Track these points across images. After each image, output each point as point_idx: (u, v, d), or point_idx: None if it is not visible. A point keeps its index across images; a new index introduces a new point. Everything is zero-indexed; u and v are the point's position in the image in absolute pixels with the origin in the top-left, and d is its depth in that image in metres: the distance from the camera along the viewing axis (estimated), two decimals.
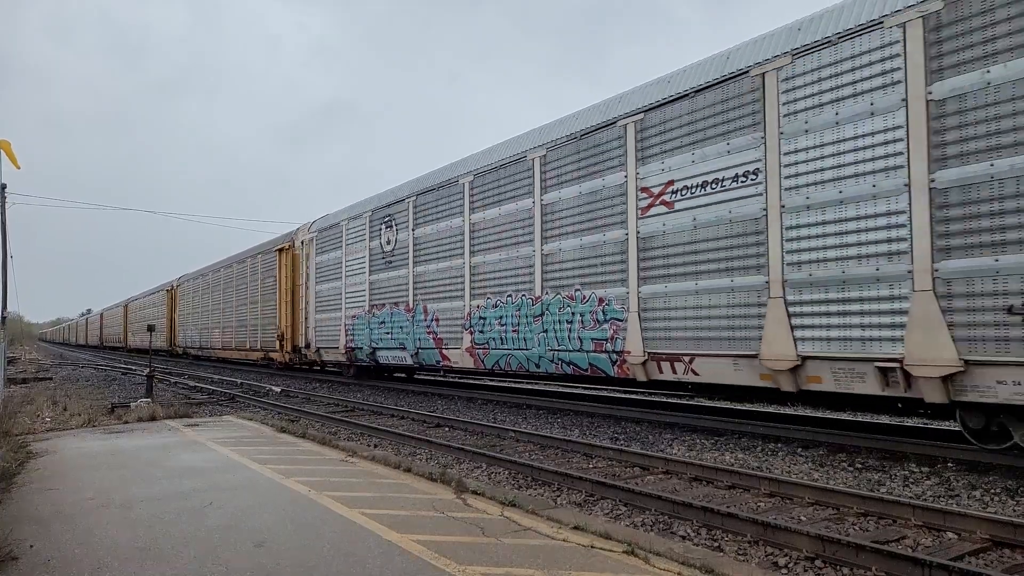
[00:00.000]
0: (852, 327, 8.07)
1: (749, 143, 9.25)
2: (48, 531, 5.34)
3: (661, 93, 10.64)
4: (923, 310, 7.47)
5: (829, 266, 8.28)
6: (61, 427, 11.62)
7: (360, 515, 5.64)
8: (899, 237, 7.72)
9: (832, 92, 8.36)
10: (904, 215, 7.69)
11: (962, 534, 5.22)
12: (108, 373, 28.93)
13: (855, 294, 8.05)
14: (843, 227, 8.20)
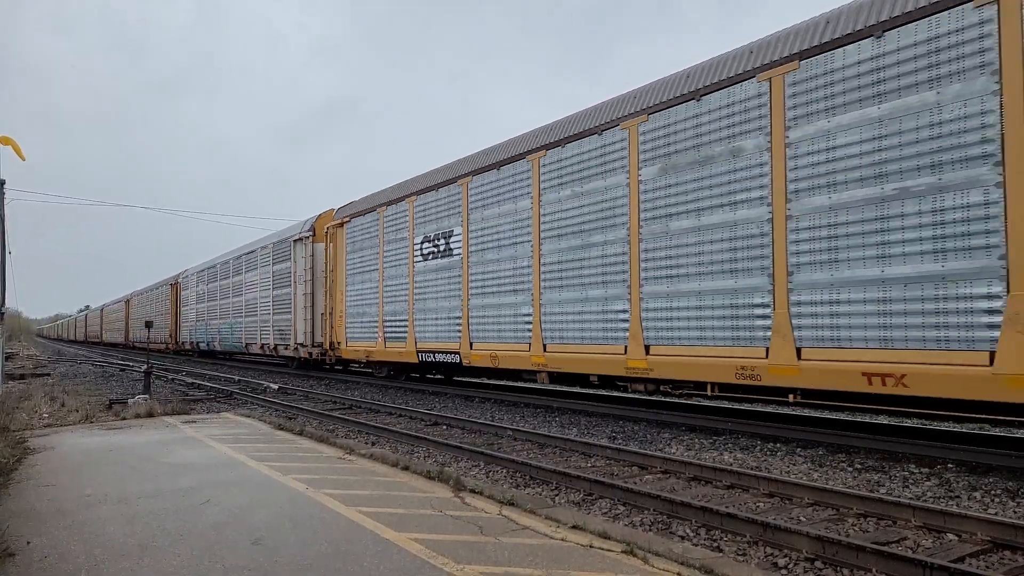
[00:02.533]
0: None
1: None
2: (45, 527, 5.32)
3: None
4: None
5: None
6: (59, 423, 11.59)
7: (357, 513, 5.62)
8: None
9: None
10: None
11: (963, 535, 5.20)
12: (106, 369, 28.89)
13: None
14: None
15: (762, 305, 9.11)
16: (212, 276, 32.67)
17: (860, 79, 8.24)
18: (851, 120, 8.29)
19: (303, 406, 14.24)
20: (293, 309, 22.89)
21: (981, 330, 7.09)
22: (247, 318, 27.54)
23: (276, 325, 24.55)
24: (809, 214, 8.63)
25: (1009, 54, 6.93)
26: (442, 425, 11.75)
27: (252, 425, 11.18)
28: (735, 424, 10.23)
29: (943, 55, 7.52)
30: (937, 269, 7.46)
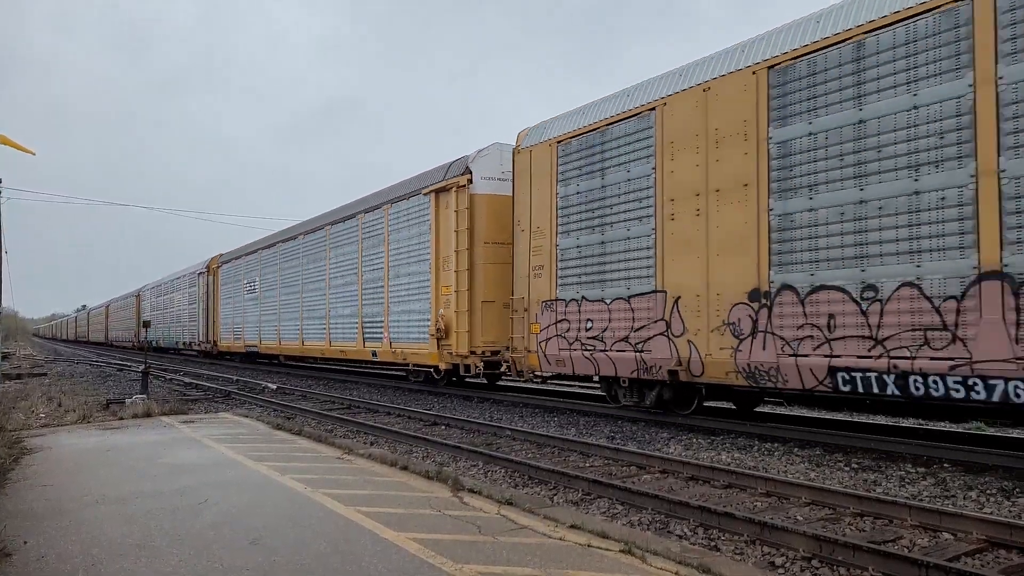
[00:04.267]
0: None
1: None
2: (42, 527, 5.32)
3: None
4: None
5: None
6: (56, 423, 11.58)
7: (356, 513, 5.63)
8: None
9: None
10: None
11: (958, 535, 5.22)
12: (103, 369, 28.85)
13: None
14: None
15: None
16: (157, 292, 44.26)
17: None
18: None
19: (301, 406, 14.24)
20: (197, 316, 34.10)
21: None
22: (175, 324, 39.05)
23: (188, 327, 36.49)
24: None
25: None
26: (441, 425, 11.75)
27: (250, 425, 11.18)
28: (732, 424, 10.25)
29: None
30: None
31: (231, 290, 29.77)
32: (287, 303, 23.61)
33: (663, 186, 10.59)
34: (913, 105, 7.83)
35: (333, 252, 20.41)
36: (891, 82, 8.04)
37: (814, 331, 8.58)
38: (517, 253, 13.51)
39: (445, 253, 15.34)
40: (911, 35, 7.90)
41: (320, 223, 21.61)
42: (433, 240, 15.72)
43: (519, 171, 13.59)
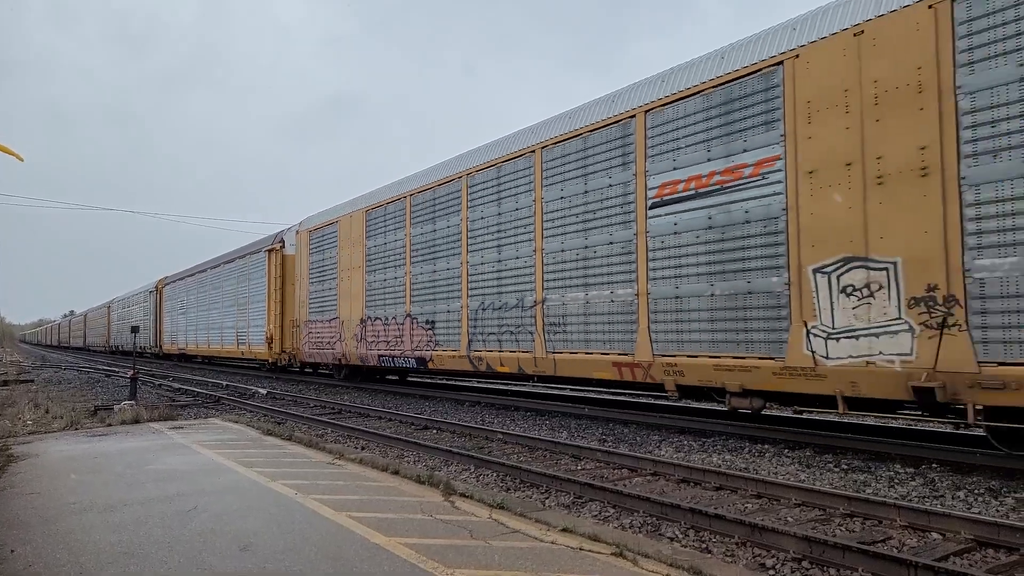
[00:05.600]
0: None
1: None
2: (30, 535, 5.27)
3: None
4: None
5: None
6: (43, 430, 11.47)
7: (347, 518, 5.61)
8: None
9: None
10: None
11: (947, 534, 5.26)
12: (91, 375, 28.63)
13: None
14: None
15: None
16: (122, 305, 51.70)
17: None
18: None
19: (292, 411, 14.17)
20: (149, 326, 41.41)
21: None
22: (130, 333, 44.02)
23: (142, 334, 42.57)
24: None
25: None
26: (432, 429, 11.73)
27: (240, 430, 11.11)
28: (723, 426, 10.28)
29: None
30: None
31: (170, 306, 38.39)
32: (201, 317, 32.56)
33: (365, 258, 18.13)
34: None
35: (222, 285, 29.86)
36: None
37: (377, 338, 17.19)
38: (296, 292, 22.44)
39: (272, 290, 24.07)
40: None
41: (215, 263, 31.12)
42: (267, 281, 24.42)
43: (298, 245, 22.47)
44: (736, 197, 9.24)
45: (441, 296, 14.99)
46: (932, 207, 7.36)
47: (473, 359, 13.87)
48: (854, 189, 8.00)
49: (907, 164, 7.55)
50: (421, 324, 15.61)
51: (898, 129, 7.63)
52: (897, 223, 7.61)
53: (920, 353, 7.36)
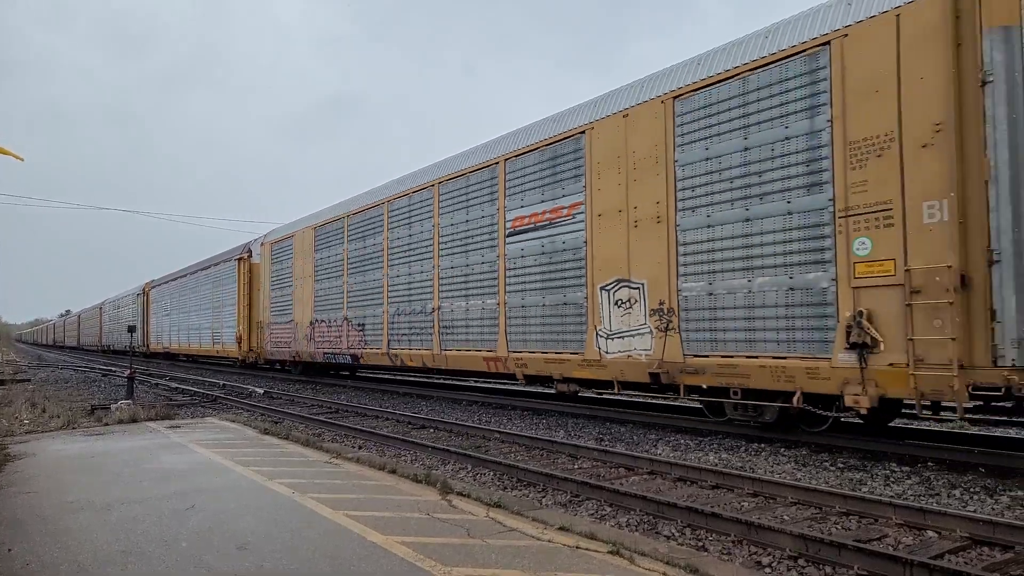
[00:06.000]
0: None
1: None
2: (27, 534, 5.27)
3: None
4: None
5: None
6: (40, 429, 11.46)
7: (345, 517, 5.62)
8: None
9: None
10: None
11: (942, 532, 5.29)
12: (88, 375, 28.59)
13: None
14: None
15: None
16: (113, 306, 53.68)
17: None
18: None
19: (289, 410, 14.17)
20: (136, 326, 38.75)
21: None
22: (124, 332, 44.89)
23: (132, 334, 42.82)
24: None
25: None
26: (429, 428, 11.74)
27: (237, 430, 11.11)
28: (720, 425, 10.31)
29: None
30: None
31: (156, 308, 40.52)
32: (182, 319, 34.91)
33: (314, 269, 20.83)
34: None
35: (200, 289, 32.24)
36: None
37: (323, 338, 20.00)
38: (261, 297, 24.94)
39: (241, 295, 26.49)
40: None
41: (194, 269, 33.49)
42: (237, 287, 26.84)
43: (262, 255, 24.92)
44: (558, 231, 11.94)
45: (369, 303, 17.73)
46: (662, 245, 10.08)
47: (391, 356, 16.67)
48: (622, 229, 10.70)
49: (650, 213, 10.30)
50: (355, 326, 18.43)
51: (645, 187, 10.37)
52: (644, 255, 10.34)
53: (655, 349, 10.10)
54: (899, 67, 7.58)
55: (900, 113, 7.53)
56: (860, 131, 7.85)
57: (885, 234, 7.61)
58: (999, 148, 6.87)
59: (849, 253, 7.89)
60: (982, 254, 6.97)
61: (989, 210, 6.92)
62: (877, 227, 7.68)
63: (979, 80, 7.00)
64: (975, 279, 7.00)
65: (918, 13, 7.45)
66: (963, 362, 6.94)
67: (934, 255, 7.22)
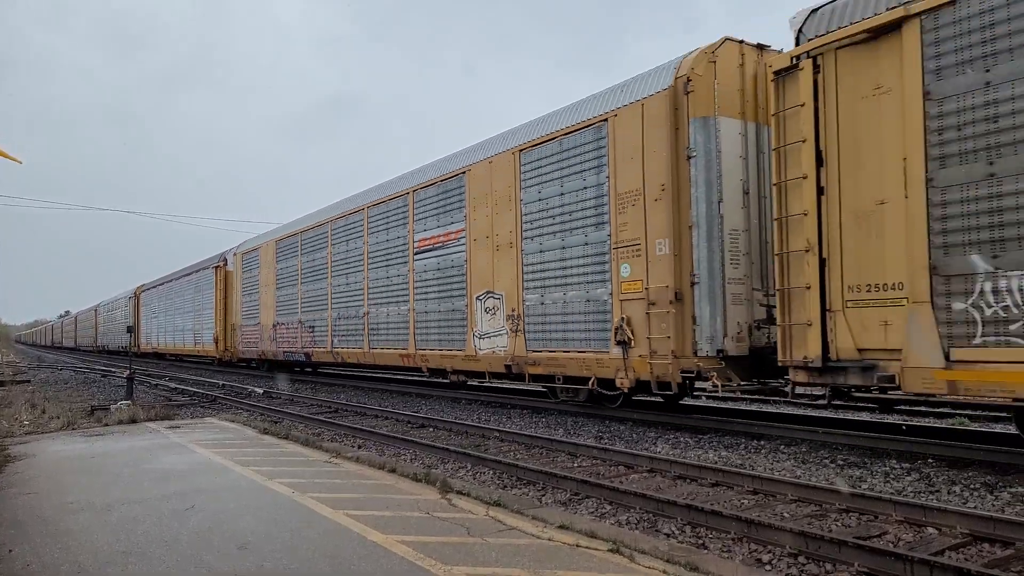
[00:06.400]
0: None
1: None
2: (27, 535, 5.26)
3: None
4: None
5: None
6: (40, 430, 11.46)
7: (344, 516, 5.62)
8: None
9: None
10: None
11: (943, 529, 5.28)
12: (87, 376, 28.58)
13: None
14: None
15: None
16: (107, 308, 56.03)
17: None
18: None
19: (289, 410, 14.17)
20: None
21: None
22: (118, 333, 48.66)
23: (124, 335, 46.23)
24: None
25: None
26: (429, 427, 11.74)
27: (237, 430, 11.11)
28: (719, 423, 10.31)
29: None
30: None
31: (146, 311, 43.15)
32: (169, 321, 37.57)
33: (276, 278, 23.63)
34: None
35: (183, 294, 34.65)
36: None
37: (283, 339, 22.51)
38: (234, 302, 27.71)
39: (217, 299, 29.25)
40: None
41: (178, 276, 35.91)
42: (214, 292, 29.58)
43: (235, 264, 27.81)
44: (449, 251, 14.64)
45: (318, 308, 20.56)
46: (513, 265, 12.77)
47: (334, 353, 19.56)
48: (490, 251, 13.40)
49: (506, 239, 12.98)
50: (307, 328, 21.26)
51: (503, 219, 13.08)
52: (503, 273, 13.03)
53: (510, 346, 12.78)
54: (643, 142, 10.33)
55: (644, 175, 10.30)
56: (624, 186, 10.60)
57: (636, 262, 10.39)
58: (699, 204, 9.74)
59: (618, 275, 10.67)
60: (688, 277, 9.82)
61: (692, 247, 9.79)
62: (632, 256, 10.48)
63: (687, 155, 9.83)
64: (684, 295, 9.85)
65: (653, 104, 10.19)
66: (677, 353, 9.83)
67: (661, 277, 10.01)
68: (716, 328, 9.62)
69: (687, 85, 9.84)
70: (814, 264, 8.08)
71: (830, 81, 8.00)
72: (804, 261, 8.18)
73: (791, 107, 8.34)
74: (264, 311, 24.39)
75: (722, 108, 9.96)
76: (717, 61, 10.03)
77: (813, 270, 8.08)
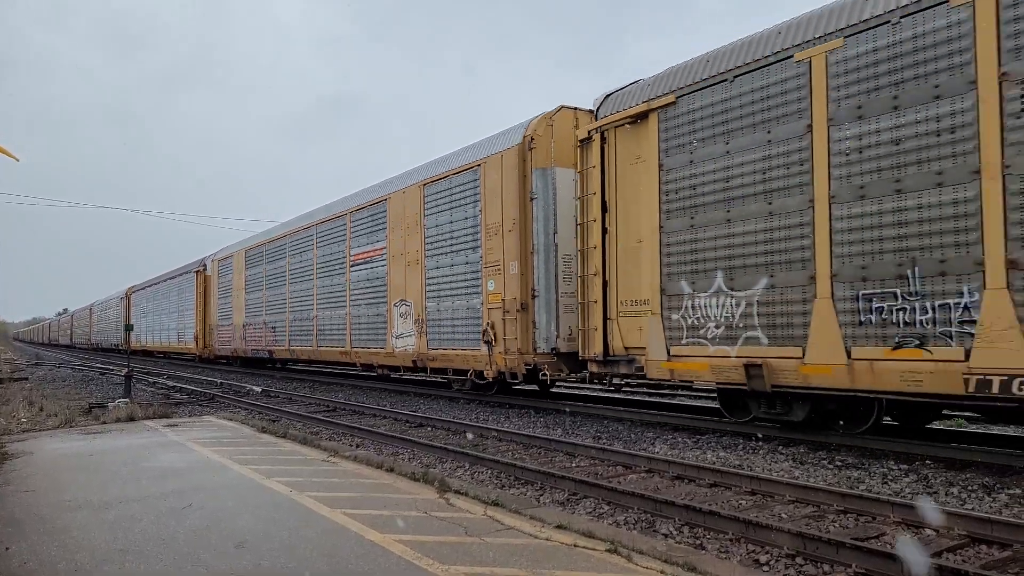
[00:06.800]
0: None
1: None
2: (24, 533, 5.26)
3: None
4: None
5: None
6: (37, 428, 11.44)
7: (342, 515, 5.61)
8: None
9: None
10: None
11: (940, 531, 5.29)
12: (85, 373, 28.55)
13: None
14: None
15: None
16: (101, 308, 59.50)
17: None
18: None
19: (287, 409, 14.17)
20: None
21: None
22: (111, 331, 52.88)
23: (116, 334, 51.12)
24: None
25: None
26: (427, 427, 11.74)
27: (235, 428, 11.10)
28: (718, 423, 10.31)
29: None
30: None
31: (136, 310, 46.02)
32: (156, 321, 40.66)
33: (245, 283, 26.95)
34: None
35: (168, 295, 37.84)
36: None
37: (251, 338, 26.20)
38: (211, 304, 31.05)
39: (198, 302, 32.33)
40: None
41: (164, 278, 39.28)
42: (195, 295, 32.62)
43: (213, 270, 31.07)
44: (375, 265, 17.83)
45: (278, 311, 23.75)
46: (419, 278, 15.83)
47: (291, 351, 22.94)
48: (403, 266, 16.48)
49: (414, 257, 16.08)
50: (270, 328, 24.42)
51: (412, 240, 16.20)
52: (412, 284, 16.09)
53: (416, 344, 15.78)
54: (502, 185, 13.36)
55: (502, 211, 13.35)
56: (490, 219, 13.66)
57: (498, 278, 13.41)
58: (539, 235, 12.79)
59: (486, 288, 13.67)
60: (530, 292, 12.85)
61: (534, 268, 12.80)
62: (495, 274, 13.50)
63: (530, 197, 12.89)
64: (528, 305, 12.88)
65: (508, 156, 13.28)
66: (522, 351, 12.85)
67: (513, 291, 13.02)
68: (551, 331, 12.63)
69: (531, 143, 12.92)
70: (599, 285, 10.99)
71: (611, 150, 10.92)
72: (594, 282, 11.10)
73: (588, 167, 11.33)
74: (236, 313, 27.59)
75: (558, 160, 12.85)
76: (554, 124, 13.03)
77: (599, 289, 10.99)
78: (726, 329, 9.21)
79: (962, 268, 7.00)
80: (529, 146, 12.86)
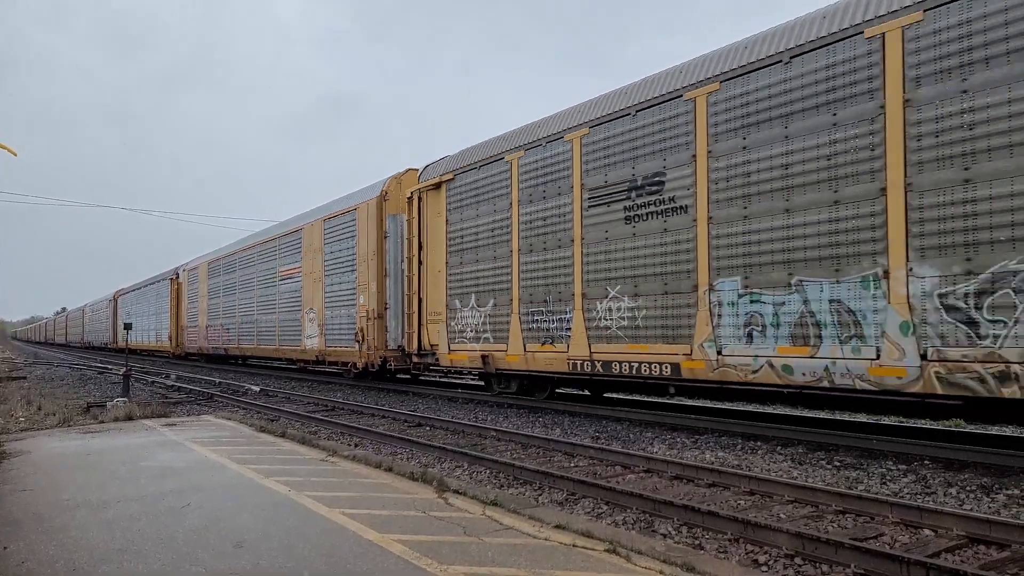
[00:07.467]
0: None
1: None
2: (22, 533, 5.25)
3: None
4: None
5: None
6: (35, 427, 11.43)
7: (341, 515, 5.61)
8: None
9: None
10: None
11: (939, 531, 5.29)
12: (84, 372, 28.52)
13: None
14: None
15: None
16: (92, 309, 64.51)
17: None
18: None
19: (285, 408, 14.15)
20: (109, 327, 52.68)
21: None
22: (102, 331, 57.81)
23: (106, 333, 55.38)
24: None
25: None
26: (425, 426, 11.73)
27: (233, 428, 11.09)
28: (716, 423, 10.32)
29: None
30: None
31: (122, 312, 49.16)
32: (139, 322, 43.54)
33: (208, 290, 31.74)
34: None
35: (148, 299, 42.52)
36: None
37: (213, 337, 30.85)
38: (182, 308, 35.60)
39: (172, 306, 36.70)
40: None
41: (145, 284, 44.15)
42: (169, 300, 36.98)
43: (184, 278, 35.28)
44: (295, 280, 22.48)
45: (231, 315, 28.16)
46: (320, 291, 20.53)
47: (240, 349, 27.37)
48: (312, 282, 21.06)
49: (319, 276, 20.73)
50: (225, 330, 28.91)
51: (316, 262, 20.97)
52: (317, 296, 21.00)
53: (319, 344, 20.64)
54: (367, 226, 18.04)
55: (367, 245, 17.97)
56: (361, 249, 18.36)
57: (365, 294, 17.86)
58: (390, 263, 17.37)
59: (359, 301, 18.06)
60: (384, 305, 17.38)
61: (386, 288, 17.44)
62: (364, 291, 17.96)
63: (384, 235, 17.53)
64: (383, 314, 17.44)
65: (372, 205, 17.89)
66: (378, 348, 17.33)
67: (374, 304, 17.54)
68: (398, 333, 17.06)
69: (385, 196, 17.76)
70: (417, 301, 15.97)
71: (425, 205, 15.77)
72: (414, 299, 16.01)
73: (412, 217, 16.03)
74: (200, 316, 32.25)
75: (404, 209, 16.76)
76: (402, 182, 17.53)
77: (416, 304, 15.99)
78: (474, 332, 14.11)
79: (568, 297, 12.00)
80: (384, 198, 17.72)
